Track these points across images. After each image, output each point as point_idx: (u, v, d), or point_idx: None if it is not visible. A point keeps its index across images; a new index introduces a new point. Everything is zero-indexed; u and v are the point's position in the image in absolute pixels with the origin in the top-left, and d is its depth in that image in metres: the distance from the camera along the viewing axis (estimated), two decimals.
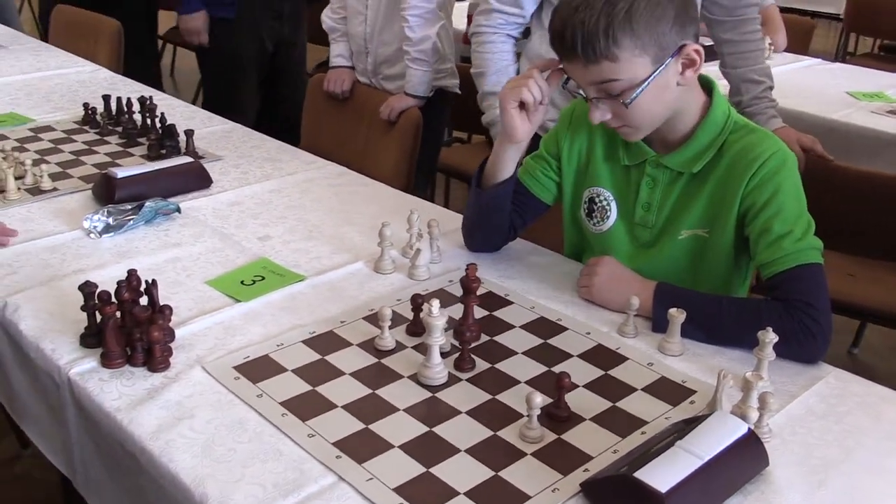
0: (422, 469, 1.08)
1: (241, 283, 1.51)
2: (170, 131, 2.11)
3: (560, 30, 1.35)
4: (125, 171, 1.81)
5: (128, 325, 1.28)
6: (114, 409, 1.18)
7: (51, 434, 1.37)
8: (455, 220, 1.71)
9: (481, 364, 1.31)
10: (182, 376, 1.25)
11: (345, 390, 1.23)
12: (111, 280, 1.33)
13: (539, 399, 1.12)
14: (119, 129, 2.22)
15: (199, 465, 1.08)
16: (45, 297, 1.44)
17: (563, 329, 1.41)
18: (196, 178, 1.91)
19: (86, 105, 2.30)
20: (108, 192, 1.77)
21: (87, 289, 1.31)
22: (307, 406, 1.19)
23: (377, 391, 1.24)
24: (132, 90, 2.58)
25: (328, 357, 1.31)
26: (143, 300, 1.34)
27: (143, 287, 1.34)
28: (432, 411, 1.20)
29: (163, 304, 1.32)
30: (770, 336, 1.22)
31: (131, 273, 1.35)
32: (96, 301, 1.28)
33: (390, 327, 1.34)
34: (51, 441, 1.38)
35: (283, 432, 1.14)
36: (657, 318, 1.40)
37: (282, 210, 1.83)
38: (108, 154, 2.09)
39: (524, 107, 1.46)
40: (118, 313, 1.28)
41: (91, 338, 1.31)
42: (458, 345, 1.31)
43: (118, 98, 2.27)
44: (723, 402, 1.17)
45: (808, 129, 2.40)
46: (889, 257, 2.43)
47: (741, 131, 1.45)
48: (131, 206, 1.71)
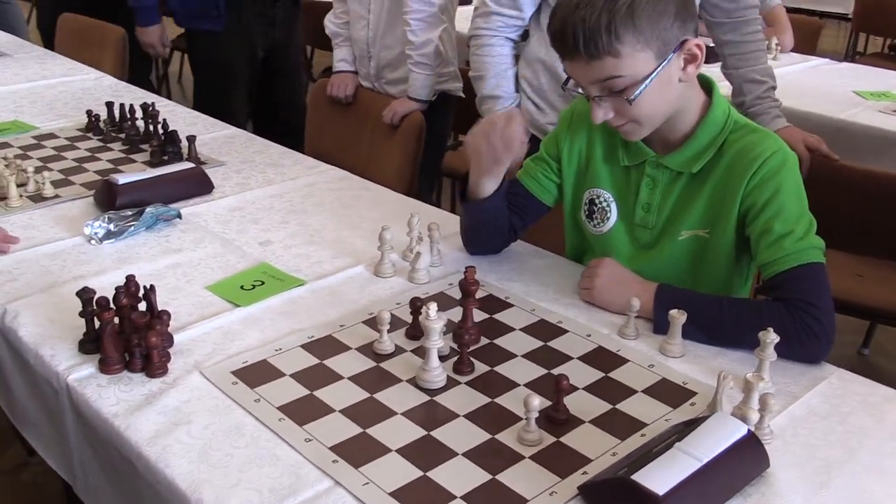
0: (419, 473, 1.08)
1: (241, 287, 1.51)
2: (172, 137, 2.12)
3: (561, 28, 1.34)
4: (126, 177, 1.81)
5: (126, 331, 1.28)
6: (111, 415, 1.18)
7: (51, 440, 1.37)
8: (457, 224, 1.70)
9: (480, 367, 1.30)
10: (180, 381, 1.25)
11: (343, 394, 1.23)
12: (111, 286, 1.33)
13: (537, 402, 1.12)
14: (122, 135, 2.23)
15: (195, 470, 1.08)
16: (45, 303, 1.44)
17: (563, 331, 1.40)
18: (197, 184, 1.91)
19: (89, 112, 2.30)
20: (109, 198, 1.77)
21: (86, 295, 1.31)
22: (304, 410, 1.19)
23: (375, 395, 1.23)
24: (135, 97, 2.59)
25: (326, 361, 1.31)
26: (141, 306, 1.34)
27: (141, 293, 1.34)
28: (430, 415, 1.19)
29: (161, 309, 1.32)
30: (771, 337, 1.21)
31: (130, 279, 1.35)
32: (94, 307, 1.28)
33: (389, 331, 1.34)
34: (51, 447, 1.38)
35: (280, 437, 1.14)
36: (658, 320, 1.39)
37: (283, 215, 1.83)
38: (111, 161, 2.10)
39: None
40: (116, 319, 1.28)
41: (89, 344, 1.31)
42: (457, 348, 1.31)
43: (121, 105, 2.27)
44: (723, 403, 1.17)
45: (814, 128, 2.38)
46: None
47: (741, 131, 1.44)
48: (132, 213, 1.71)
